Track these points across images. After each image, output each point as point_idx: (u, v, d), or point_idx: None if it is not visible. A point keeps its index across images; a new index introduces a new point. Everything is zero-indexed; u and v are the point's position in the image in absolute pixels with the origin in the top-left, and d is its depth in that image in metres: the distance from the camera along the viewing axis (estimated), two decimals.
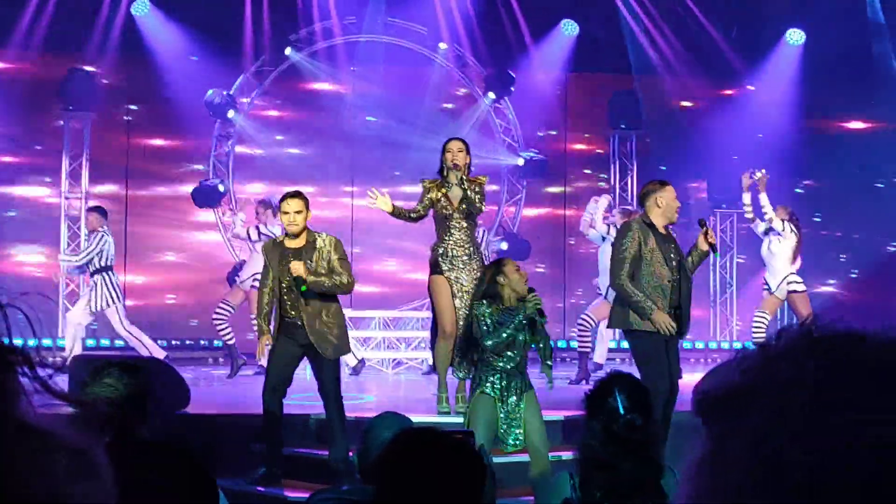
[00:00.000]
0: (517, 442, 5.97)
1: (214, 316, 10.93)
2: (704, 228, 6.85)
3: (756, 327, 10.57)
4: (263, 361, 7.92)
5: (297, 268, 6.64)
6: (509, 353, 5.95)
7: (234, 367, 10.78)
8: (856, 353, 0.64)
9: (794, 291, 10.28)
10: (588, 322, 10.75)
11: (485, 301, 5.98)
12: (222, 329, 10.93)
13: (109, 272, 10.52)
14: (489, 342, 5.89)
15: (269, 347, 6.91)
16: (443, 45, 13.41)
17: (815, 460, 0.62)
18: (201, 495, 1.63)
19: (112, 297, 10.48)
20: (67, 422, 0.63)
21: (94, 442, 0.63)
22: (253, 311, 10.37)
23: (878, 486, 0.60)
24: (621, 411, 3.15)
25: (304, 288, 6.62)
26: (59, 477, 0.60)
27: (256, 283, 10.46)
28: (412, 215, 7.68)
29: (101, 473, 0.63)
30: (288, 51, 13.17)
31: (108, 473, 0.63)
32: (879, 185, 14.60)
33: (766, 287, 10.63)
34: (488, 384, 5.95)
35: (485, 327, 5.91)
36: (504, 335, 5.87)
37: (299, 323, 6.75)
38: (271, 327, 6.90)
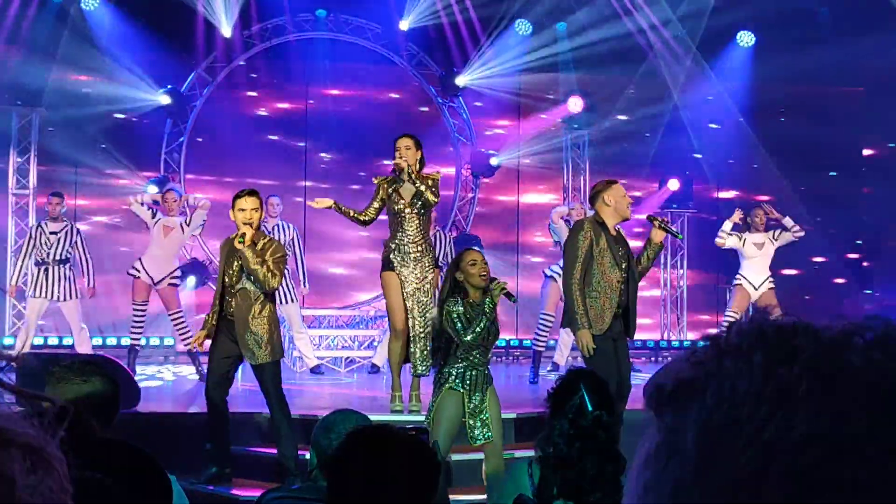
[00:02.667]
0: (487, 436, 5.98)
1: (132, 321, 10.61)
2: (656, 222, 6.88)
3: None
4: (192, 347, 8.57)
5: (246, 231, 6.70)
6: (483, 348, 5.97)
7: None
8: (803, 346, 0.66)
9: (771, 287, 10.54)
10: (548, 320, 10.77)
11: (456, 298, 5.96)
12: (135, 335, 10.60)
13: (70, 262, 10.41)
14: (468, 337, 5.86)
15: (209, 343, 6.90)
16: (404, 25, 13.31)
17: (754, 450, 0.63)
18: (156, 494, 1.62)
19: (74, 290, 10.34)
20: (21, 417, 0.63)
21: (49, 437, 0.63)
22: (170, 309, 10.34)
23: (812, 477, 0.62)
24: (589, 408, 3.16)
25: (241, 240, 6.67)
26: (13, 474, 0.59)
27: (173, 282, 10.38)
28: (360, 217, 7.62)
29: (56, 469, 0.63)
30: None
31: (63, 468, 0.63)
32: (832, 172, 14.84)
33: (738, 282, 10.71)
34: (457, 380, 5.94)
35: (459, 325, 5.88)
36: (479, 328, 5.87)
37: (233, 321, 6.76)
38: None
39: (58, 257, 10.25)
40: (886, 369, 0.64)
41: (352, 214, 7.61)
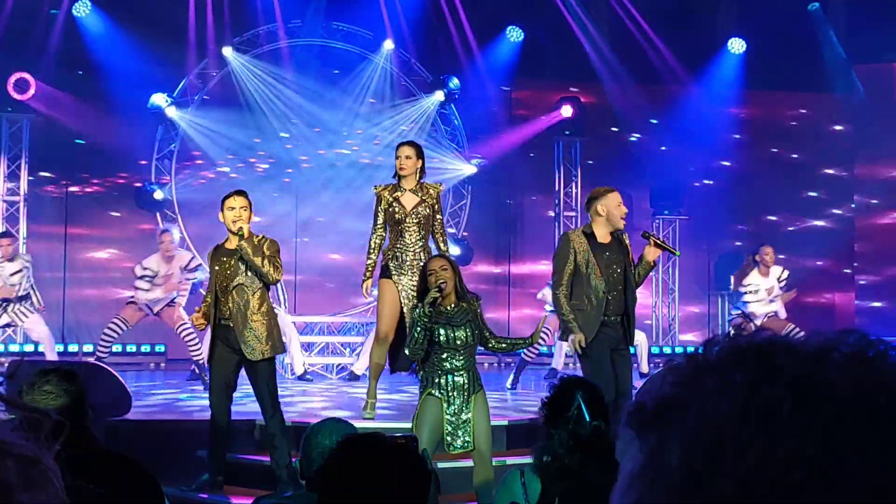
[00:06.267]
0: (466, 444, 5.93)
1: (105, 332, 10.44)
2: (652, 238, 6.82)
3: None
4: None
5: (243, 224, 6.66)
6: (454, 352, 5.93)
7: None
8: (783, 364, 0.66)
9: (776, 314, 10.72)
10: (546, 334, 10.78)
11: (420, 305, 5.96)
12: (104, 347, 10.46)
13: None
14: (407, 351, 5.93)
15: (205, 330, 6.84)
16: (388, 44, 13.40)
17: (739, 470, 0.63)
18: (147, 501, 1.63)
19: (32, 308, 10.36)
20: (16, 428, 0.63)
21: (44, 449, 0.63)
22: (175, 325, 10.32)
23: (798, 497, 0.62)
24: (587, 418, 3.15)
25: (240, 233, 6.62)
26: (9, 485, 0.60)
27: (171, 304, 10.32)
28: (377, 246, 7.53)
29: (52, 481, 0.63)
30: (227, 51, 13.03)
31: (59, 481, 0.64)
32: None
33: (738, 316, 10.83)
34: (434, 385, 5.92)
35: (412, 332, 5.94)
36: (412, 341, 5.88)
37: (231, 325, 6.72)
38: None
39: (19, 294, 10.23)
40: (867, 385, 0.65)
41: (374, 255, 7.55)
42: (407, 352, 6.03)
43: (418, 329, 5.83)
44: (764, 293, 10.70)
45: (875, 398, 0.65)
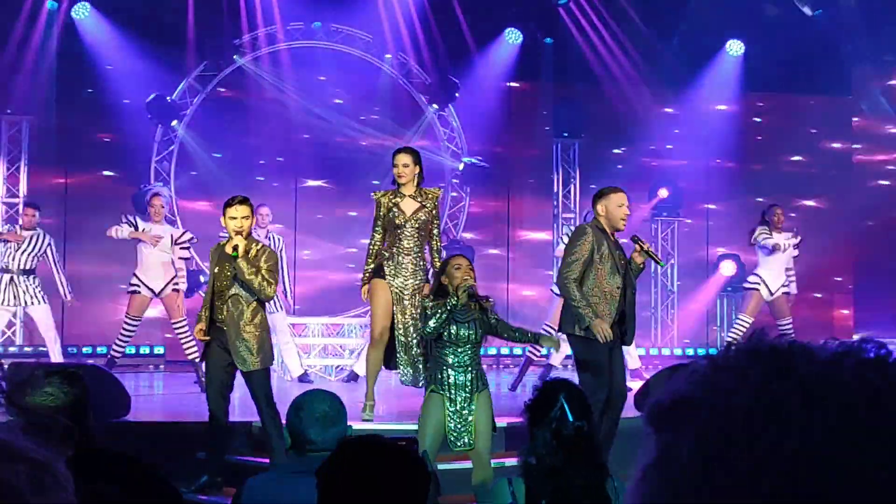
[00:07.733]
0: (469, 443, 5.93)
1: (120, 333, 10.34)
2: (638, 245, 6.77)
3: (737, 331, 10.68)
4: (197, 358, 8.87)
5: (239, 243, 6.62)
6: (456, 348, 5.94)
7: None
8: (797, 365, 0.67)
9: (787, 293, 10.53)
10: (548, 331, 10.76)
11: (432, 296, 6.00)
12: (119, 347, 10.38)
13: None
14: (427, 329, 5.91)
15: (204, 338, 6.80)
16: (388, 56, 13.45)
17: (747, 463, 0.64)
18: None
19: (43, 295, 10.20)
20: (26, 433, 0.64)
21: (55, 454, 0.64)
22: (173, 317, 10.24)
23: (802, 492, 0.63)
24: (570, 418, 3.16)
25: (234, 255, 6.59)
26: (21, 489, 0.60)
27: (176, 287, 10.25)
28: (375, 251, 7.51)
29: (63, 486, 0.63)
30: (235, 57, 13.09)
31: (70, 485, 0.64)
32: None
33: (755, 286, 10.67)
34: (438, 382, 5.94)
35: (423, 319, 5.95)
36: (437, 319, 5.87)
37: (224, 328, 6.73)
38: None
39: (23, 266, 10.07)
40: (877, 388, 0.66)
41: (373, 261, 7.51)
42: (420, 326, 6.02)
43: (442, 310, 5.83)
44: (780, 247, 10.42)
45: (882, 397, 0.66)
